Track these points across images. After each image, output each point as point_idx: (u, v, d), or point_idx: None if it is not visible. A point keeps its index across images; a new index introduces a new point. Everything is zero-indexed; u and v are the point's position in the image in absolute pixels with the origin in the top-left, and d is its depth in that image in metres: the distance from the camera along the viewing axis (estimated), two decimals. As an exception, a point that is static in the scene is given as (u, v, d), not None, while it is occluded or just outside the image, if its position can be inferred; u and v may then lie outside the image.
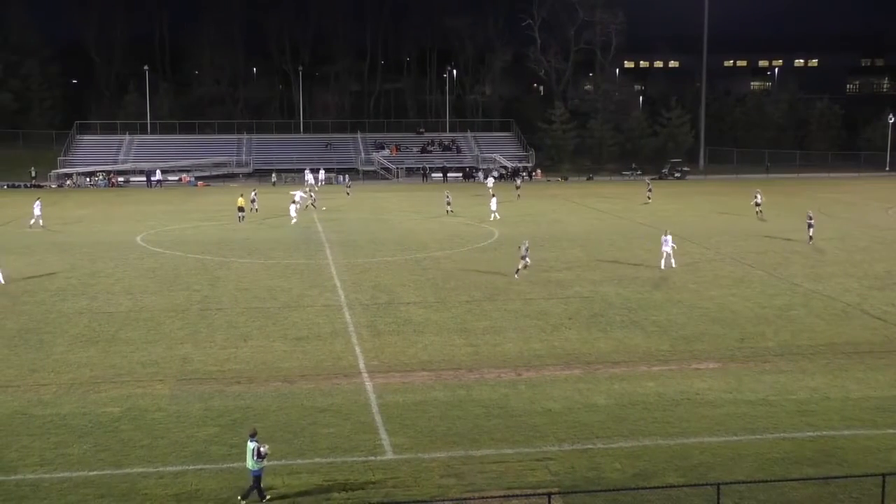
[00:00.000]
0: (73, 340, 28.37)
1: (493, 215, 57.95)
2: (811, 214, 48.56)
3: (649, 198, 69.22)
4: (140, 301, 33.97)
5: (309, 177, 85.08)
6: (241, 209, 57.61)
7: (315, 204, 64.47)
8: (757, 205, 59.25)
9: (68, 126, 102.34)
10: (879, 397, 23.14)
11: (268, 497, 17.29)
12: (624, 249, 45.62)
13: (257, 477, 17.23)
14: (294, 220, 55.69)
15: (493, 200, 59.16)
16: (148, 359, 26.37)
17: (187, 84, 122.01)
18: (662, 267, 39.99)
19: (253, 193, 62.91)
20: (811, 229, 47.48)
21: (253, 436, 17.51)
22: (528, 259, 38.41)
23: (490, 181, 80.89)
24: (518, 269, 38.25)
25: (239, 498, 17.26)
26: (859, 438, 20.43)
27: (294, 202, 57.77)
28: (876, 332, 29.58)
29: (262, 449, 17.23)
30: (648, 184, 76.21)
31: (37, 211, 54.53)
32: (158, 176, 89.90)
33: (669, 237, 40.69)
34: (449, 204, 61.90)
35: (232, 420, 21.38)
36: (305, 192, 65.53)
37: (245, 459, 17.58)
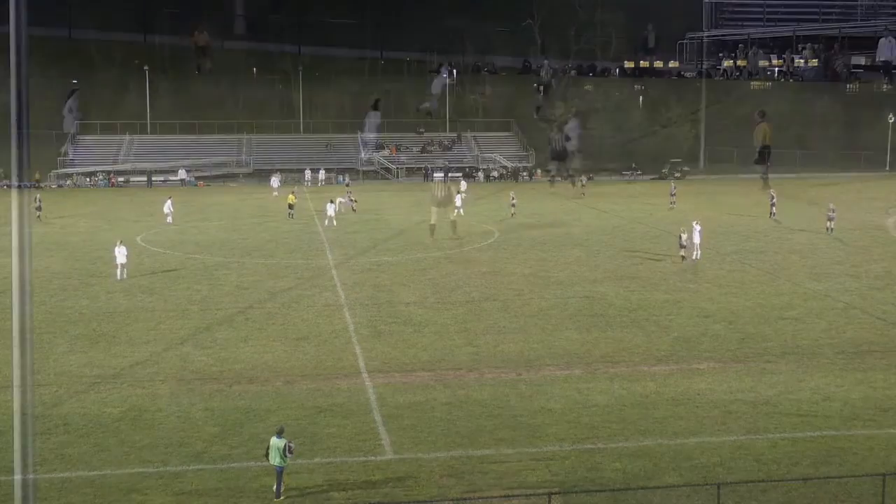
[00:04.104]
0: (73, 340, 28.37)
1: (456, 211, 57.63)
2: (832, 207, 51.94)
3: (673, 202, 64.81)
4: (140, 301, 33.97)
5: (275, 181, 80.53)
6: (291, 206, 60.46)
7: (355, 208, 63.28)
8: (772, 205, 59.40)
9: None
10: (879, 397, 23.15)
11: (282, 498, 17.36)
12: (624, 249, 45.59)
13: (280, 472, 17.45)
14: None
15: (459, 198, 60.17)
16: (148, 359, 26.37)
17: (187, 84, 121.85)
18: (697, 256, 41.32)
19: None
20: (831, 221, 50.85)
21: (280, 433, 17.75)
22: (697, 251, 40.27)
23: (463, 184, 75.34)
24: (690, 259, 39.98)
25: (276, 499, 17.32)
26: (859, 438, 20.43)
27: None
28: (876, 332, 29.59)
29: (291, 445, 17.59)
30: (673, 186, 68.36)
31: (166, 209, 57.14)
32: (182, 175, 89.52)
33: (699, 227, 42.03)
34: (513, 206, 59.99)
35: (232, 420, 21.37)
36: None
37: (271, 457, 17.62)
